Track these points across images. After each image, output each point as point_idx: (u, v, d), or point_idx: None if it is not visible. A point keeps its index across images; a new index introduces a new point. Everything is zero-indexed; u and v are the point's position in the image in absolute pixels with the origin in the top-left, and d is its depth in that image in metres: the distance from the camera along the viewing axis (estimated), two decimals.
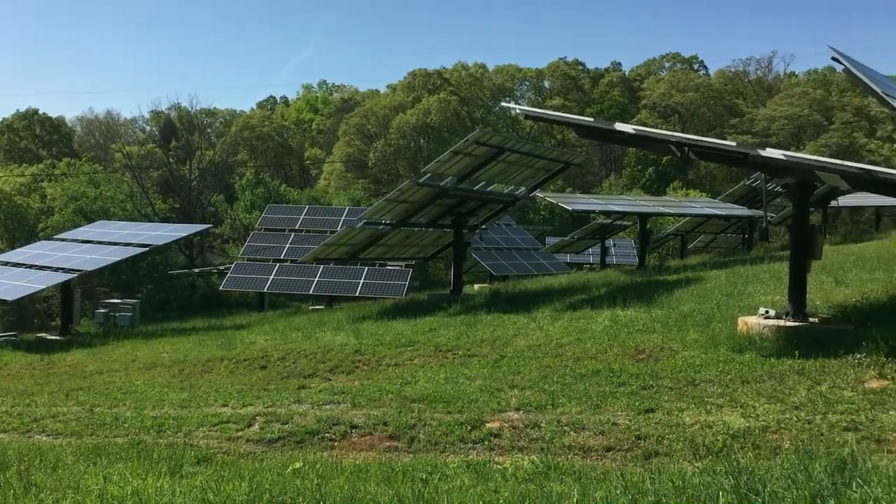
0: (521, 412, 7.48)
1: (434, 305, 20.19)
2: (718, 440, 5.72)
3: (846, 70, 15.79)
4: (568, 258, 45.73)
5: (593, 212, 34.03)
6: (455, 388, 9.15)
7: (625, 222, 36.31)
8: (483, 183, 21.52)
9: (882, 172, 8.46)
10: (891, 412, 6.17)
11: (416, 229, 22.48)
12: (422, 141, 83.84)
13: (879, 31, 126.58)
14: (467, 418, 7.32)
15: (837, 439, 5.45)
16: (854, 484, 3.81)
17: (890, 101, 14.76)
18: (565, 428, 6.65)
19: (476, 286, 30.80)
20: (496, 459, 6.07)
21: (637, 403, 7.37)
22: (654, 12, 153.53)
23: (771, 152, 9.57)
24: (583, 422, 6.76)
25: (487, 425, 7.08)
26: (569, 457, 6.01)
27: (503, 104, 53.40)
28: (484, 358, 12.36)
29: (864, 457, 4.59)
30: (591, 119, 14.05)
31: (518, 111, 15.40)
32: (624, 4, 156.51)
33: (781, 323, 10.25)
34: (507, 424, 7.03)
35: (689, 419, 6.51)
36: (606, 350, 11.64)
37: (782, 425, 6.03)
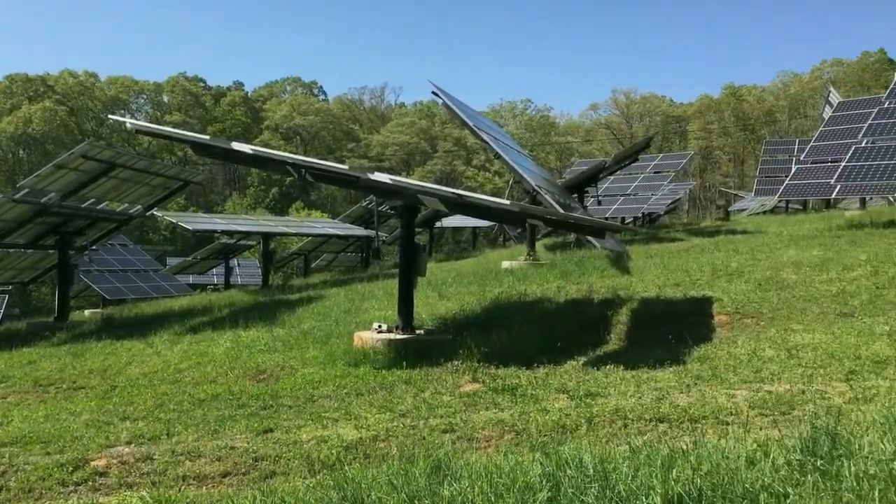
0: (133, 445, 6.99)
1: (34, 335, 18.18)
2: (333, 454, 5.89)
3: (444, 104, 17.55)
4: (191, 279, 44.10)
5: (216, 231, 33.29)
6: (56, 426, 8.26)
7: (249, 242, 36.12)
8: (93, 200, 19.89)
9: (471, 197, 9.51)
10: (481, 412, 6.92)
11: (12, 251, 19.99)
12: (21, 152, 75.04)
13: (478, 68, 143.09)
14: (69, 458, 6.63)
15: (437, 441, 5.95)
16: (446, 482, 4.17)
17: (480, 134, 16.71)
18: (180, 457, 6.35)
19: (87, 312, 28.31)
20: (100, 501, 5.59)
21: (256, 425, 7.32)
22: (276, 36, 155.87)
23: (379, 176, 10.23)
24: (199, 449, 6.52)
25: (93, 463, 6.48)
26: (183, 487, 5.74)
27: (112, 117, 49.89)
28: (92, 390, 11.37)
29: (458, 455, 5.06)
30: (208, 137, 13.75)
31: (129, 125, 14.54)
32: (246, 23, 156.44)
33: (392, 336, 10.96)
34: (115, 460, 6.51)
35: (305, 435, 6.62)
36: (227, 372, 11.42)
37: (391, 433, 6.42)
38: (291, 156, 12.51)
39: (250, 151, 11.54)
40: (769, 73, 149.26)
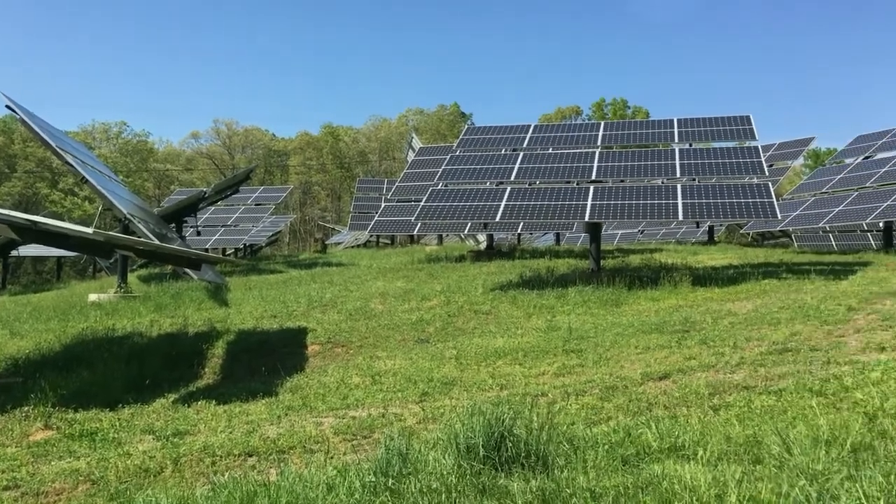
0: None
1: None
2: None
3: (22, 121, 15.78)
4: None
5: None
6: None
7: None
8: None
9: (48, 224, 8.64)
10: (53, 462, 6.25)
11: None
12: None
13: (67, 85, 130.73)
14: None
15: None
16: None
17: (63, 156, 15.31)
18: None
19: None
20: None
21: None
22: None
23: None
24: None
25: None
26: None
27: None
28: None
29: None
30: None
31: None
32: None
33: None
34: None
35: None
36: None
37: None
38: None
39: None
40: (363, 116, 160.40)
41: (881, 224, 21.82)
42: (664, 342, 9.60)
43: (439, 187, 17.92)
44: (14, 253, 35.02)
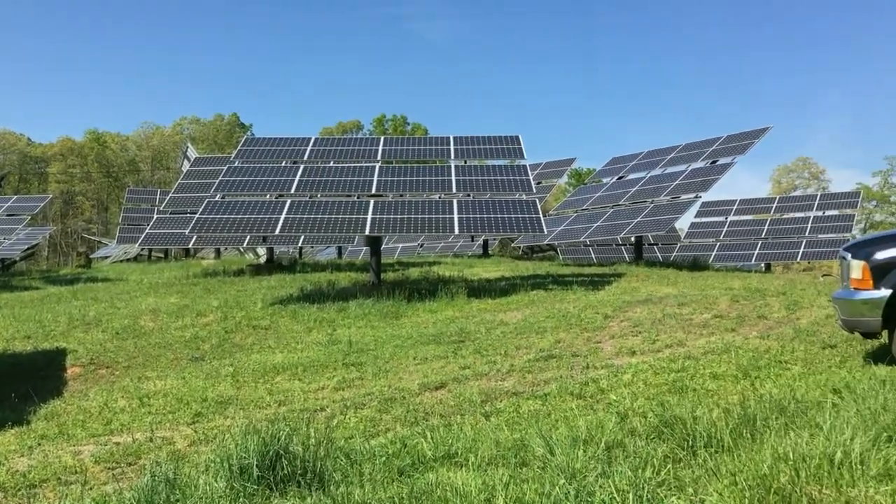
0: None
1: None
2: None
3: None
4: None
5: None
6: None
7: None
8: None
9: None
10: None
11: None
12: None
13: None
14: None
15: None
16: None
17: None
18: None
19: None
20: None
21: None
22: None
23: None
24: None
25: None
26: None
27: None
28: None
29: None
30: None
31: None
32: None
33: None
34: None
35: None
36: None
37: None
38: None
39: None
40: (133, 122, 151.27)
41: (633, 238, 23.98)
42: (441, 353, 9.90)
43: (216, 199, 17.28)
44: None
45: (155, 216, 29.76)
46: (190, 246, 29.88)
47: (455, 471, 4.48)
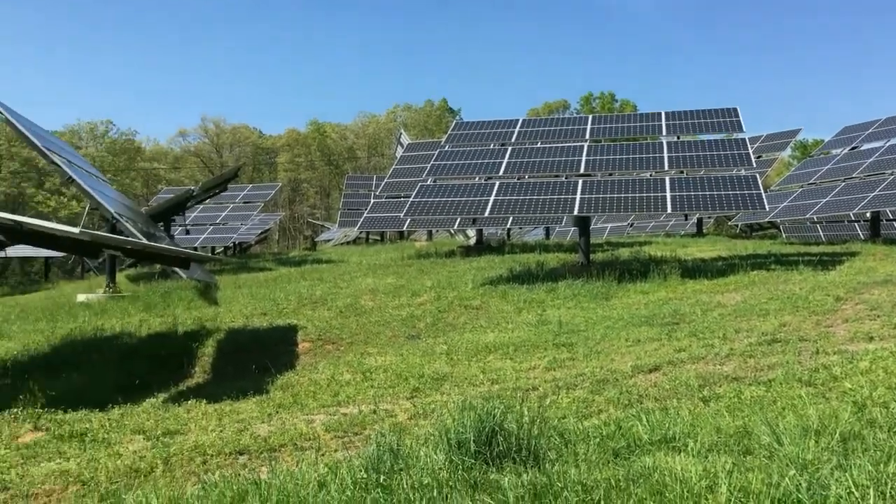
0: None
1: None
2: None
3: (7, 121, 15.66)
4: None
5: None
6: None
7: None
8: None
9: (33, 224, 8.58)
10: (43, 464, 6.21)
11: None
12: None
13: (48, 84, 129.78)
14: None
15: None
16: None
17: (50, 156, 15.21)
18: None
19: None
20: None
21: None
22: None
23: None
24: None
25: None
26: None
27: None
28: None
29: None
30: None
31: None
32: None
33: None
34: None
35: None
36: None
37: None
38: None
39: None
40: (351, 112, 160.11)
41: (868, 214, 21.94)
42: (654, 335, 9.63)
43: (428, 183, 17.90)
44: (1, 254, 34.80)
45: (371, 201, 31.35)
46: (404, 229, 31.20)
47: (673, 456, 4.35)
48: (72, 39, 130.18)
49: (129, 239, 12.61)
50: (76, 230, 8.27)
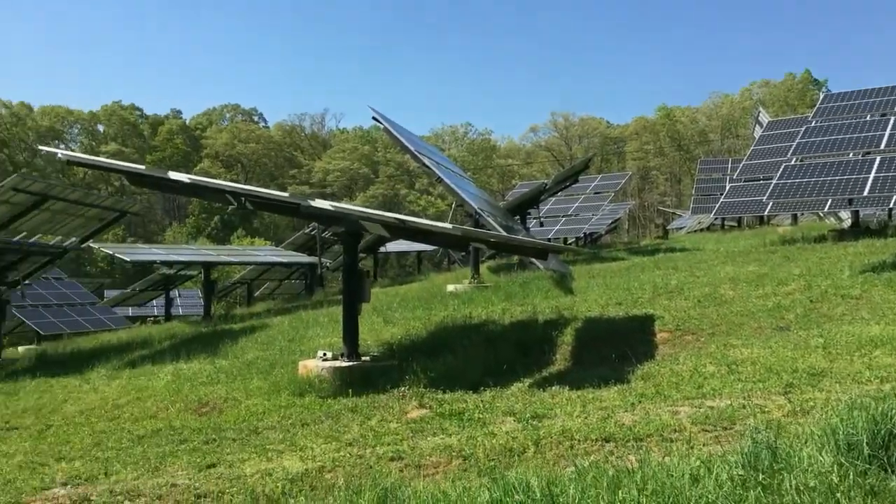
0: (69, 487, 6.73)
1: None
2: (278, 487, 5.77)
3: (385, 129, 17.57)
4: (130, 311, 43.11)
5: (155, 262, 32.69)
6: None
7: (189, 272, 35.45)
8: (24, 234, 19.31)
9: (414, 222, 9.51)
10: (429, 438, 6.87)
11: None
12: None
13: (416, 93, 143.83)
14: (2, 503, 6.38)
15: (384, 470, 5.88)
16: None
17: (421, 159, 16.75)
18: (119, 497, 6.14)
19: (21, 348, 27.39)
20: None
21: (198, 460, 7.15)
22: (213, 63, 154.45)
23: (320, 203, 10.17)
24: (139, 488, 6.31)
25: None
26: None
27: (42, 148, 48.94)
28: (26, 430, 10.95)
29: (406, 484, 5.01)
30: (144, 167, 13.51)
31: (60, 156, 14.18)
32: (182, 49, 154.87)
33: (337, 364, 10.84)
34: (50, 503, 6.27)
35: (249, 469, 6.48)
36: (168, 407, 11.15)
37: (337, 463, 6.32)
38: (230, 184, 12.35)
39: (188, 181, 11.36)
40: (701, 94, 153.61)
41: None
42: None
43: (793, 162, 16.52)
44: (382, 249, 39.28)
45: (728, 185, 29.81)
46: (764, 213, 29.21)
47: None
48: (431, 49, 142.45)
49: (492, 232, 13.42)
50: (450, 227, 9.01)
